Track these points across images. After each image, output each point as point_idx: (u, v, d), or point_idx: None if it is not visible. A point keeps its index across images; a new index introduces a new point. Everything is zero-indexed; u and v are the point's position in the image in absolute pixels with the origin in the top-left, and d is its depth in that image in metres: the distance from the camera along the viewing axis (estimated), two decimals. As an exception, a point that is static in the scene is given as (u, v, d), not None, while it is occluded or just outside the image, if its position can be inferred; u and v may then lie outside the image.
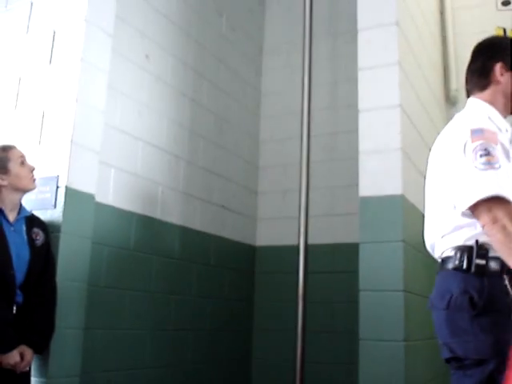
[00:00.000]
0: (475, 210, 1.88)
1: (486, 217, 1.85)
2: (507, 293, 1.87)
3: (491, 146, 1.93)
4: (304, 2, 4.40)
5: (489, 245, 1.90)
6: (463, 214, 1.95)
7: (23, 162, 2.73)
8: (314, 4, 4.38)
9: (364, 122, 2.99)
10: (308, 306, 3.98)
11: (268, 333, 4.47)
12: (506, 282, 1.87)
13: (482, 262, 1.92)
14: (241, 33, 4.91)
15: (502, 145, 1.96)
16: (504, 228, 1.81)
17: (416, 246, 3.02)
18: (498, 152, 1.92)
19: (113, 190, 3.44)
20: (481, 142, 1.93)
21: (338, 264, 4.27)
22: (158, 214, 3.76)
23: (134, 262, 3.55)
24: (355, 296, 2.88)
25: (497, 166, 1.89)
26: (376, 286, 2.79)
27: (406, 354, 2.68)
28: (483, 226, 1.87)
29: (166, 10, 4.05)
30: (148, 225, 3.67)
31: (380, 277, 2.79)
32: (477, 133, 1.96)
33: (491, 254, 1.91)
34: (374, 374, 2.69)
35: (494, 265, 1.91)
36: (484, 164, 1.90)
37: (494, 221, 1.83)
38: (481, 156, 1.91)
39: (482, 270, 1.91)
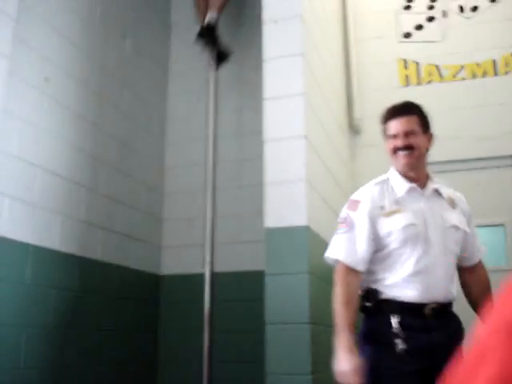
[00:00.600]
0: None
1: None
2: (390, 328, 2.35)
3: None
4: (209, 28, 4.38)
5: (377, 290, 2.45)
6: None
7: None
8: (219, 29, 4.36)
9: (269, 152, 2.97)
10: (217, 335, 3.90)
11: (174, 364, 4.35)
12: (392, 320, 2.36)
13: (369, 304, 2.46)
14: (146, 56, 4.82)
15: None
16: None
17: (322, 277, 3.02)
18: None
19: (6, 220, 3.25)
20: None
21: (244, 292, 4.24)
22: (56, 245, 3.58)
23: (31, 297, 3.36)
24: (263, 324, 2.84)
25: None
26: (282, 319, 2.77)
27: (312, 388, 2.66)
28: None
29: (68, 32, 3.91)
30: (45, 257, 3.49)
31: (286, 309, 2.77)
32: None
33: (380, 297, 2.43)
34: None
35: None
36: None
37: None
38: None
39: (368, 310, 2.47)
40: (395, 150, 2.51)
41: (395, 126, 2.51)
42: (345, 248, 2.45)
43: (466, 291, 2.64)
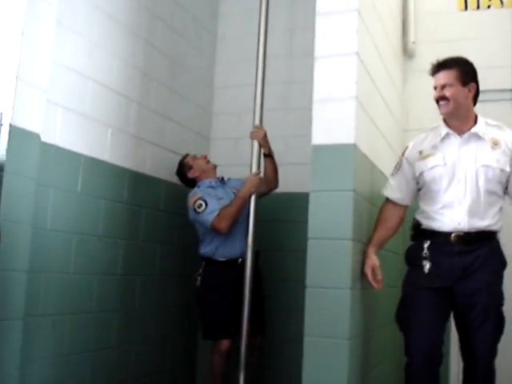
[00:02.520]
0: None
1: None
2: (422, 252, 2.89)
3: None
4: None
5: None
6: None
7: None
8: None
9: (319, 69, 2.93)
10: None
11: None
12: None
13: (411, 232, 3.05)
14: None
15: None
16: None
17: (366, 196, 3.03)
18: None
19: (60, 130, 3.33)
20: None
21: (290, 212, 4.30)
22: (106, 157, 3.67)
23: (81, 205, 3.48)
24: (305, 244, 2.88)
25: None
26: (325, 234, 2.79)
27: (351, 301, 2.71)
28: None
29: None
30: (96, 167, 3.58)
31: (329, 225, 2.79)
32: None
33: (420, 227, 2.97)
34: (320, 319, 2.71)
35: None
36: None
37: None
38: None
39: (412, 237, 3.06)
40: (436, 101, 2.90)
41: (435, 79, 2.91)
42: (391, 186, 3.07)
43: None
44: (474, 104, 2.96)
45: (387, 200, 3.09)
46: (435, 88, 2.91)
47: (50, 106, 3.17)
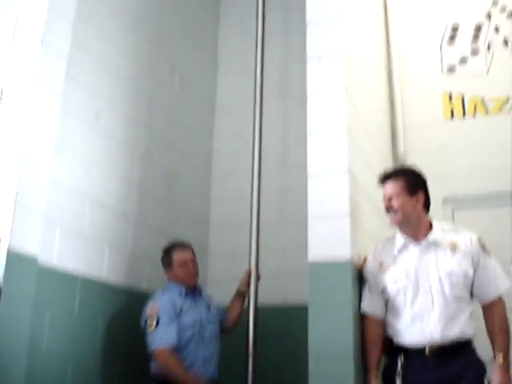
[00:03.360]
0: None
1: None
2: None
3: None
4: (255, 64, 4.45)
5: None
6: None
7: None
8: (265, 66, 4.42)
9: (313, 185, 3.00)
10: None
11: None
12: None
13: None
14: (193, 91, 4.93)
15: None
16: None
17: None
18: None
19: (57, 251, 3.35)
20: None
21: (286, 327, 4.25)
22: (103, 276, 3.66)
23: (79, 326, 3.44)
24: (305, 360, 2.83)
25: None
26: (325, 352, 2.76)
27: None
28: None
29: (118, 68, 4.05)
30: (93, 287, 3.57)
31: (329, 343, 2.76)
32: None
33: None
34: None
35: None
36: None
37: None
38: None
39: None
40: (386, 211, 2.92)
41: (383, 190, 2.94)
42: (363, 300, 2.93)
43: (486, 328, 2.82)
44: (427, 211, 2.94)
45: (364, 316, 2.93)
46: (383, 199, 2.93)
47: (47, 227, 3.20)
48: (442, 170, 4.38)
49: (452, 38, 4.83)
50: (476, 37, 4.77)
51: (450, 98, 4.66)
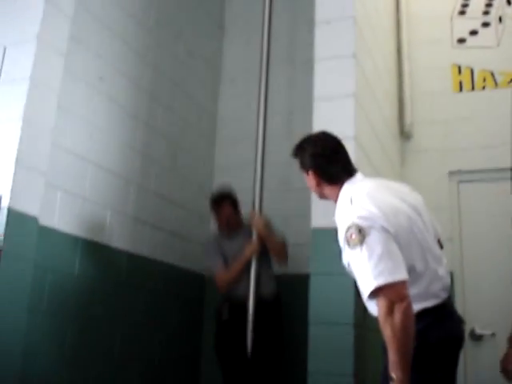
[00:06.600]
0: None
1: None
2: None
3: None
4: (262, 30, 4.38)
5: None
6: None
7: None
8: (272, 32, 4.36)
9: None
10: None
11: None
12: None
13: None
14: (198, 58, 4.87)
15: None
16: None
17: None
18: None
19: (58, 213, 3.32)
20: None
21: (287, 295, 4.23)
22: (105, 239, 3.65)
23: (79, 289, 3.43)
24: (304, 330, 2.82)
25: None
26: (326, 319, 2.75)
27: None
28: None
29: (123, 32, 4.00)
30: (94, 250, 3.56)
31: (330, 310, 2.75)
32: None
33: None
34: None
35: None
36: None
37: None
38: None
39: None
40: None
41: None
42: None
43: None
44: (332, 183, 2.47)
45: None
46: None
47: (49, 188, 3.18)
48: (449, 142, 4.34)
49: (464, 8, 4.75)
50: (488, 8, 4.69)
51: (459, 70, 4.59)
